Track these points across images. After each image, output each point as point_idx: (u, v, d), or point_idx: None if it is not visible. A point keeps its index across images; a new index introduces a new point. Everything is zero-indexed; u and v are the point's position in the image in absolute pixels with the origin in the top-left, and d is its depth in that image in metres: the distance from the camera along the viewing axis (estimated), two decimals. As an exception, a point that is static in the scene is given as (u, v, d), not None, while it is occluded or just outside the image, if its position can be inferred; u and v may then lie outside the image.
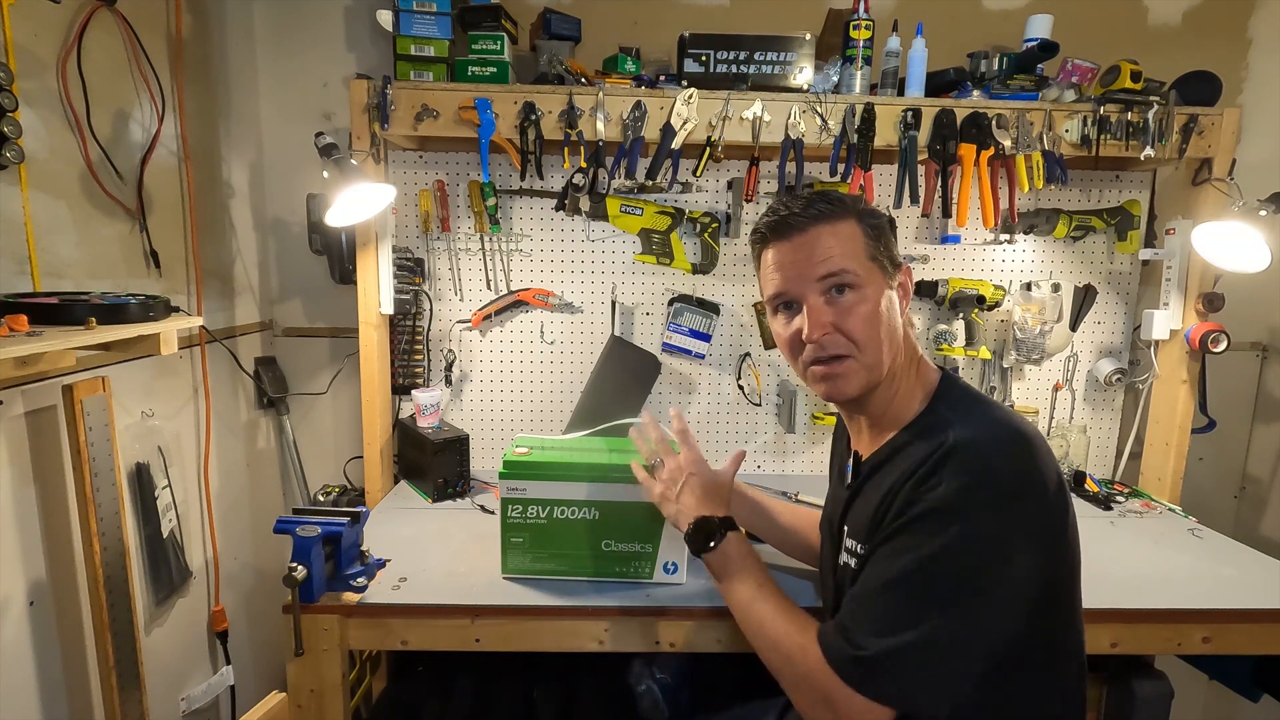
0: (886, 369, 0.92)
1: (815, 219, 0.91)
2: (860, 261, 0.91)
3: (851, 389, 0.92)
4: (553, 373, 1.89)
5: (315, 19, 1.82)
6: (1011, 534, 0.79)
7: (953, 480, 0.79)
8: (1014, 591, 0.79)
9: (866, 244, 0.92)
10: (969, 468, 0.80)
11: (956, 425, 0.84)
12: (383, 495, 1.74)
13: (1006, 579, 0.79)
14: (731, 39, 1.57)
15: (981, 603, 0.78)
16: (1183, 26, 1.85)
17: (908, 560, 0.80)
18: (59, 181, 1.22)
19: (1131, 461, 1.91)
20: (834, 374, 0.92)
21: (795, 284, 0.92)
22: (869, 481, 0.94)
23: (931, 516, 0.79)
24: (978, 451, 0.81)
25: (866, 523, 0.90)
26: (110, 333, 1.06)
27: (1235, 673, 1.48)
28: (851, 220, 0.92)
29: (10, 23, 1.10)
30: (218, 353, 1.68)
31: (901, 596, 0.80)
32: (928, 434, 0.87)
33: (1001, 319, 1.88)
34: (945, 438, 0.82)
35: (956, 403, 0.92)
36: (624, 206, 1.77)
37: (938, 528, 0.79)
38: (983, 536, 0.78)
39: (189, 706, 1.56)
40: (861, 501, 0.94)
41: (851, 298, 0.90)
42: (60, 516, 1.22)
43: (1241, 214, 1.56)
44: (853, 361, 0.91)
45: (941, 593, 0.78)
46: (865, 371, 0.91)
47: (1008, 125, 1.58)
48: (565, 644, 1.20)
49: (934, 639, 0.77)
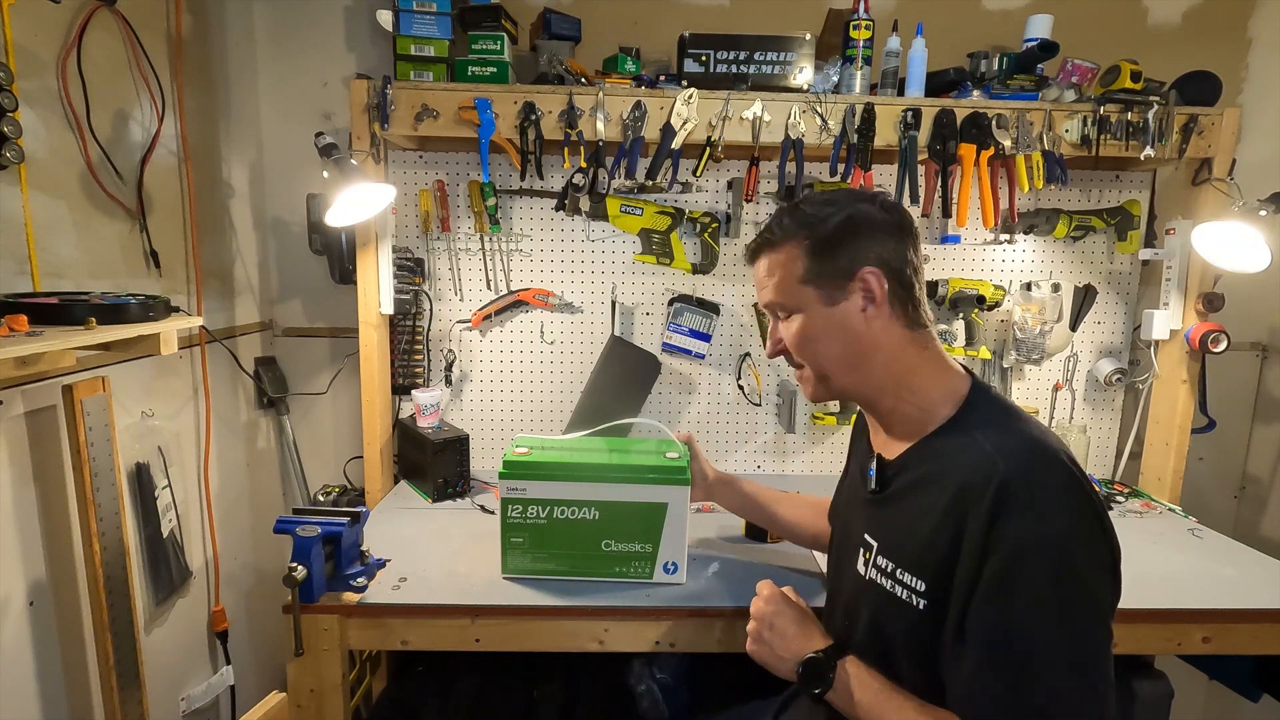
0: (849, 380, 0.93)
1: (760, 247, 0.97)
2: (790, 289, 0.93)
3: (813, 395, 0.98)
4: (553, 373, 1.89)
5: (315, 19, 1.82)
6: (1102, 562, 0.78)
7: (1024, 523, 0.76)
8: (1108, 617, 0.79)
9: (805, 267, 0.91)
10: (1040, 509, 0.76)
11: (997, 450, 0.81)
12: (383, 495, 1.74)
13: (1105, 608, 0.79)
14: (731, 39, 1.57)
15: (1105, 649, 0.77)
16: (1183, 26, 1.85)
17: (1026, 632, 0.75)
18: (59, 181, 1.22)
19: (1131, 461, 1.91)
20: (799, 379, 0.99)
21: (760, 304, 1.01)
22: (900, 495, 0.90)
23: (1025, 575, 0.75)
24: (1039, 489, 0.78)
25: (914, 549, 0.85)
26: (110, 333, 1.06)
27: (1235, 673, 1.48)
28: (791, 244, 0.92)
29: (10, 23, 1.10)
30: (218, 353, 1.68)
31: (1053, 677, 0.75)
32: (965, 453, 0.83)
33: (1001, 319, 1.88)
34: (993, 467, 0.79)
35: (988, 415, 0.87)
36: (624, 206, 1.77)
37: (1040, 589, 0.75)
38: (1083, 579, 0.76)
39: (189, 706, 1.56)
40: (893, 516, 0.90)
41: (790, 321, 0.95)
42: (60, 516, 1.22)
43: (1241, 214, 1.56)
44: (805, 371, 0.97)
45: (1085, 655, 0.75)
46: (816, 381, 0.96)
47: (1008, 125, 1.58)
48: (565, 644, 1.20)
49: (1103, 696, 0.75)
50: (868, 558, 0.92)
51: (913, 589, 0.84)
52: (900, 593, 0.86)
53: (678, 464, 1.24)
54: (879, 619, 0.89)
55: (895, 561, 0.87)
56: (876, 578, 0.90)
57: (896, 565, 0.87)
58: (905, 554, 0.86)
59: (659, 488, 1.22)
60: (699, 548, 1.42)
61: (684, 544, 1.24)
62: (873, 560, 0.91)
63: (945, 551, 0.81)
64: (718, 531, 1.51)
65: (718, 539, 1.47)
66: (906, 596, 0.85)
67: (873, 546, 0.92)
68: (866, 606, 0.91)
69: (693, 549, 1.39)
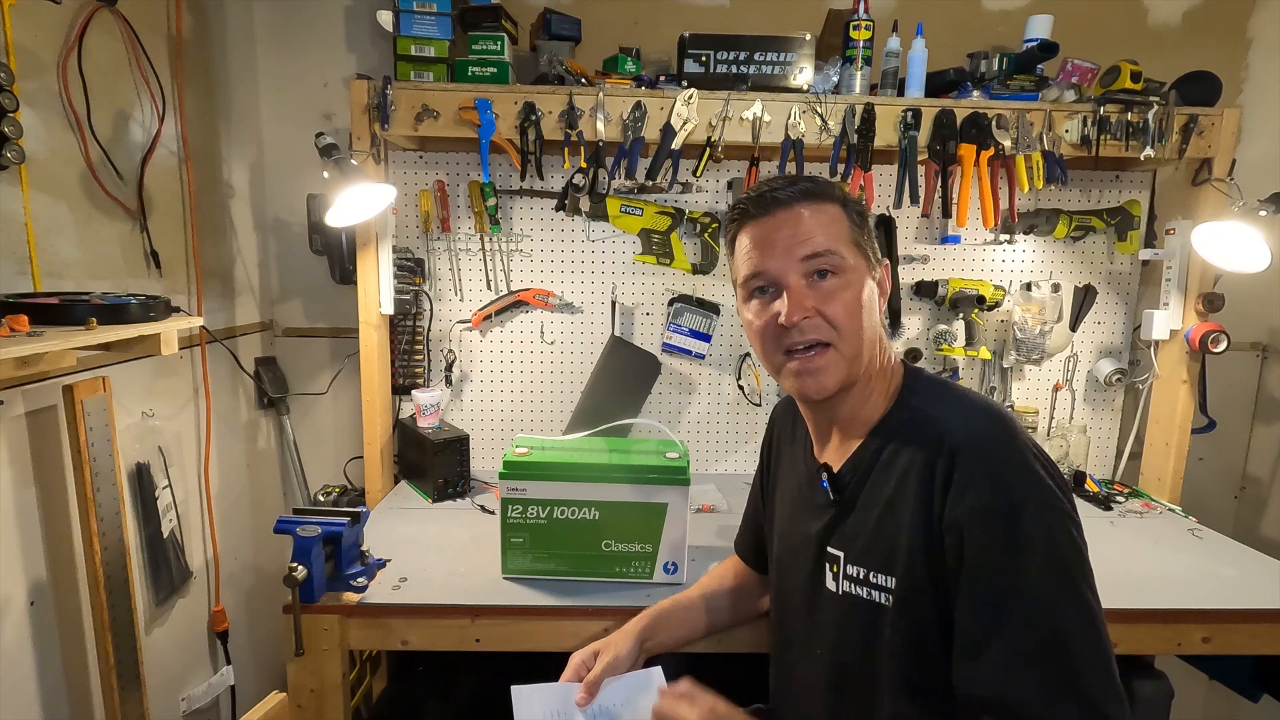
0: (864, 367, 0.86)
1: (800, 196, 0.85)
2: (845, 245, 0.85)
3: (830, 383, 0.85)
4: (553, 373, 1.90)
5: (315, 19, 1.82)
6: (1068, 504, 0.77)
7: (987, 485, 0.75)
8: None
9: (851, 229, 0.86)
10: (995, 469, 0.76)
11: (943, 420, 0.81)
12: (383, 495, 1.74)
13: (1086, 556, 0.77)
14: (731, 39, 1.57)
15: (1093, 595, 0.76)
16: (1183, 26, 1.85)
17: (1033, 608, 0.73)
18: (59, 182, 1.22)
19: (1131, 461, 1.91)
20: (812, 367, 0.85)
21: (776, 262, 0.84)
22: (856, 497, 0.87)
23: (1004, 542, 0.74)
24: (987, 449, 0.78)
25: (880, 548, 0.83)
26: (111, 333, 1.06)
27: (1235, 673, 1.48)
28: (836, 204, 0.87)
29: (11, 23, 1.10)
30: (218, 353, 1.68)
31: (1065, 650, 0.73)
32: (913, 433, 0.83)
33: (1001, 319, 1.88)
34: (940, 437, 0.79)
35: (928, 395, 0.87)
36: (624, 207, 1.77)
37: (1025, 553, 0.74)
38: (1065, 525, 0.75)
39: (189, 706, 1.56)
40: (855, 521, 0.87)
41: (835, 282, 0.84)
42: (60, 516, 1.22)
43: (1241, 214, 1.56)
44: (834, 351, 0.84)
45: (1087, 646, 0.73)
46: (846, 364, 0.84)
47: (1008, 125, 1.58)
48: (565, 644, 1.19)
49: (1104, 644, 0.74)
50: (836, 570, 0.88)
51: (886, 589, 0.82)
52: (877, 597, 0.83)
53: (678, 464, 1.24)
54: (863, 631, 0.85)
55: (866, 565, 0.85)
56: (851, 589, 0.86)
57: (869, 570, 0.84)
58: (874, 555, 0.84)
59: (659, 488, 1.22)
60: (699, 548, 1.42)
61: (684, 544, 1.24)
62: (842, 572, 0.87)
63: (910, 540, 0.79)
64: (718, 532, 1.51)
65: (719, 539, 1.47)
66: (883, 599, 0.82)
67: (839, 558, 0.88)
68: (847, 624, 0.87)
69: (693, 549, 1.38)
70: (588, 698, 0.96)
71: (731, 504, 1.65)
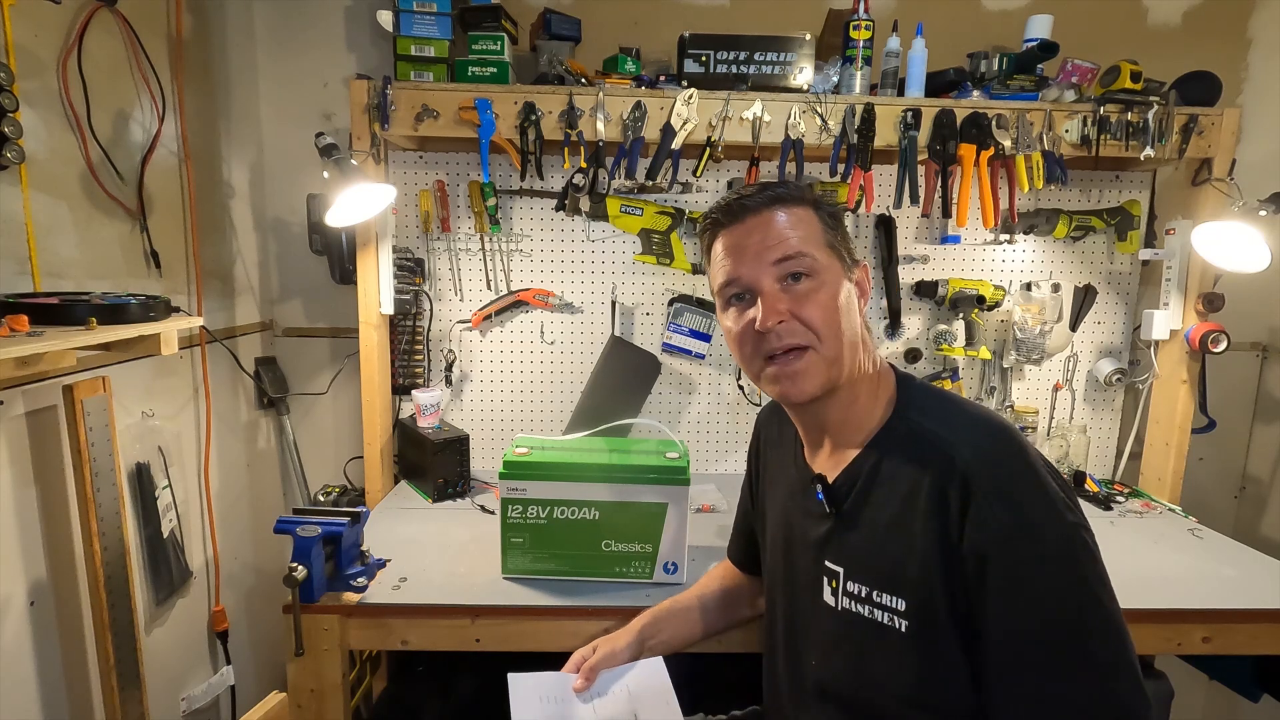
0: (847, 370, 0.85)
1: (770, 201, 0.86)
2: (818, 247, 0.85)
3: (811, 386, 0.84)
4: (553, 373, 1.90)
5: (315, 19, 1.82)
6: (1079, 513, 0.78)
7: (1004, 509, 0.75)
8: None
9: (824, 230, 0.86)
10: (1009, 490, 0.76)
11: (948, 439, 0.80)
12: (383, 495, 1.74)
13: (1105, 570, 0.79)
14: (731, 39, 1.57)
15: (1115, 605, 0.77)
16: (1183, 26, 1.85)
17: (1061, 615, 0.75)
18: (59, 182, 1.22)
19: (1131, 461, 1.91)
20: (791, 371, 0.84)
21: (748, 268, 0.84)
22: (857, 511, 0.86)
23: (1027, 563, 0.75)
24: (999, 471, 0.77)
25: (887, 568, 0.81)
26: (111, 333, 1.06)
27: (1235, 673, 1.48)
28: (807, 206, 0.87)
29: (11, 23, 1.10)
30: (218, 353, 1.68)
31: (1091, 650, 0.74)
32: (915, 450, 0.82)
33: (1001, 319, 1.88)
34: (949, 458, 0.78)
35: (926, 407, 0.86)
36: (624, 207, 1.77)
37: (1046, 570, 0.75)
38: (1079, 540, 0.77)
39: (189, 706, 1.56)
40: (856, 536, 0.85)
41: (808, 285, 0.83)
42: (60, 516, 1.22)
43: (1241, 214, 1.56)
44: (812, 354, 0.83)
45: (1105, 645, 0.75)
46: (826, 366, 0.83)
47: (1008, 125, 1.58)
48: (565, 644, 1.19)
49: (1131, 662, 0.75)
50: (836, 586, 0.86)
51: (893, 610, 0.80)
52: (882, 617, 0.81)
53: (678, 464, 1.24)
54: (863, 650, 0.84)
55: (869, 584, 0.83)
56: (852, 605, 0.84)
57: (872, 588, 0.82)
58: (879, 574, 0.82)
59: (659, 488, 1.22)
60: (699, 548, 1.42)
61: (684, 544, 1.24)
62: (842, 588, 0.86)
63: (924, 563, 0.78)
64: (718, 532, 1.51)
65: (718, 539, 1.47)
66: (889, 620, 0.80)
67: (838, 573, 0.86)
68: (847, 640, 0.85)
69: (693, 549, 1.38)
70: (586, 684, 0.96)
71: (731, 504, 1.64)
